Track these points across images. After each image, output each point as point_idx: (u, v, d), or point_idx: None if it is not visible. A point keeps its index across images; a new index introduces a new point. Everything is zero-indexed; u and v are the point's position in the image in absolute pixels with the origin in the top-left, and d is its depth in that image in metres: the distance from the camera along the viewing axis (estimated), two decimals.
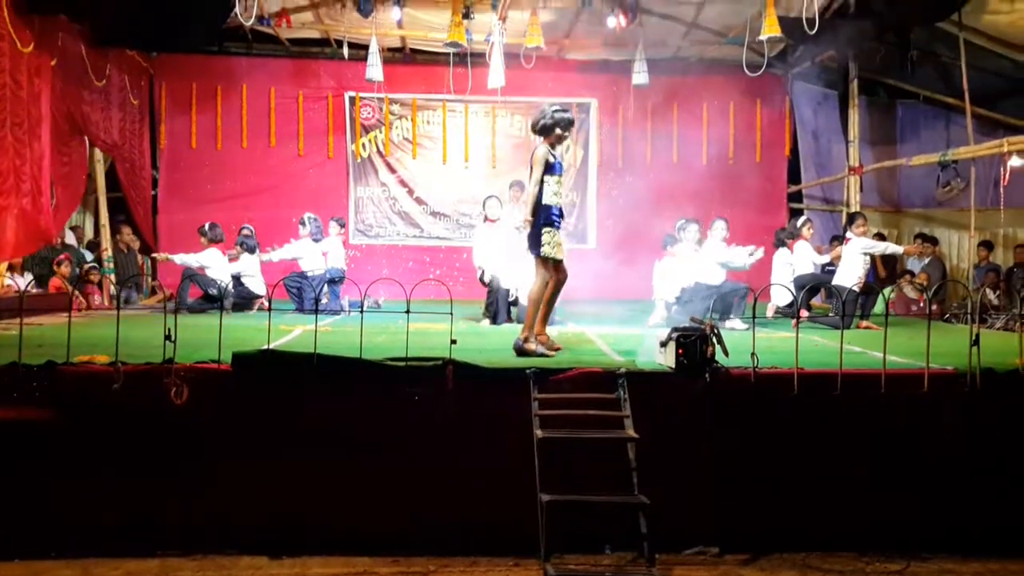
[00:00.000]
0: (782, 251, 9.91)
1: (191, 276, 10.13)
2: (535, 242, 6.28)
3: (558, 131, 6.33)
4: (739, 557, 5.21)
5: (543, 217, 6.26)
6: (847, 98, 12.25)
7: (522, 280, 8.32)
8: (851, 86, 12.11)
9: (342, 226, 10.93)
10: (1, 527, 5.05)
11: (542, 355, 5.99)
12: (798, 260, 9.70)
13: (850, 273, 8.94)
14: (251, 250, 10.66)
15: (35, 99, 8.71)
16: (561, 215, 6.37)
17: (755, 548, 5.27)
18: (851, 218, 9.69)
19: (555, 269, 6.32)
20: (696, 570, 5.04)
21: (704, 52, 12.70)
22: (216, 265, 10.30)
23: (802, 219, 10.20)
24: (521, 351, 6.06)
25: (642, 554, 4.88)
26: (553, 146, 6.35)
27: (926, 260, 11.54)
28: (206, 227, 10.56)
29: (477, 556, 5.11)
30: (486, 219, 9.25)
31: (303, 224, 10.50)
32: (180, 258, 10.34)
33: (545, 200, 6.27)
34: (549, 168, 6.26)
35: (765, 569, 5.08)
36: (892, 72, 12.17)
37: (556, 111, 6.37)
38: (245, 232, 11.02)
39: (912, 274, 11.41)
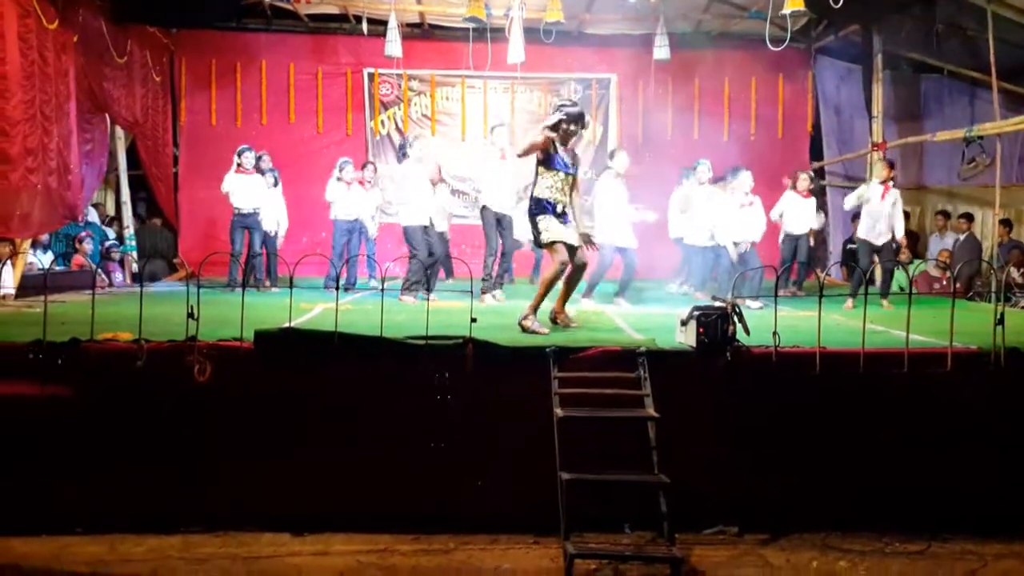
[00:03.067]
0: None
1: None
2: (535, 233, 6.35)
3: (564, 126, 6.30)
4: (759, 537, 5.22)
5: (535, 207, 6.33)
6: (871, 73, 12.08)
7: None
8: (875, 61, 11.93)
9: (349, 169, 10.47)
10: (27, 503, 5.13)
11: (533, 332, 6.04)
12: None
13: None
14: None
15: (62, 76, 8.77)
16: (558, 214, 6.33)
17: (775, 528, 5.28)
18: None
19: (569, 252, 6.30)
20: (716, 549, 5.06)
21: (726, 26, 12.55)
22: (236, 189, 10.04)
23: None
24: (520, 327, 6.14)
25: (662, 533, 4.89)
26: (564, 142, 6.36)
27: (961, 237, 11.38)
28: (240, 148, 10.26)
29: (497, 534, 5.15)
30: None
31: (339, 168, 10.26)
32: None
33: (538, 193, 6.34)
34: (548, 160, 6.29)
35: (785, 549, 5.09)
36: (917, 46, 11.96)
37: (562, 105, 6.43)
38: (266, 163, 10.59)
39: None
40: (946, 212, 11.94)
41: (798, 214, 9.87)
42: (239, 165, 10.00)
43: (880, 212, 8.86)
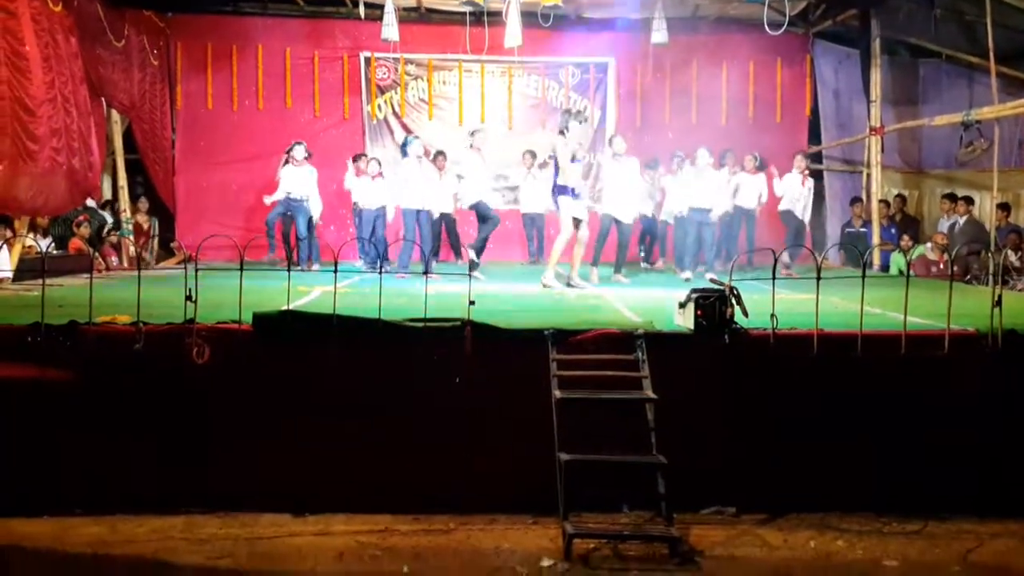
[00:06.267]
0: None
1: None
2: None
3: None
4: (757, 517, 5.24)
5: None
6: (869, 57, 12.05)
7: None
8: (873, 45, 11.90)
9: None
10: (29, 484, 5.15)
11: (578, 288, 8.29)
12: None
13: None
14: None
15: (73, 57, 8.87)
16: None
17: (773, 508, 5.30)
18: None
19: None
20: (714, 529, 5.07)
21: (724, 10, 12.48)
22: (286, 180, 10.57)
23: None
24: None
25: (660, 513, 4.91)
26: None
27: (961, 220, 11.35)
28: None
29: (496, 514, 5.17)
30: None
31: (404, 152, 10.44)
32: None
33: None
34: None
35: (783, 529, 5.11)
36: (915, 31, 11.94)
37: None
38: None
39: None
40: (953, 195, 11.80)
41: (745, 190, 10.90)
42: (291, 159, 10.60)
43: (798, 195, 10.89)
